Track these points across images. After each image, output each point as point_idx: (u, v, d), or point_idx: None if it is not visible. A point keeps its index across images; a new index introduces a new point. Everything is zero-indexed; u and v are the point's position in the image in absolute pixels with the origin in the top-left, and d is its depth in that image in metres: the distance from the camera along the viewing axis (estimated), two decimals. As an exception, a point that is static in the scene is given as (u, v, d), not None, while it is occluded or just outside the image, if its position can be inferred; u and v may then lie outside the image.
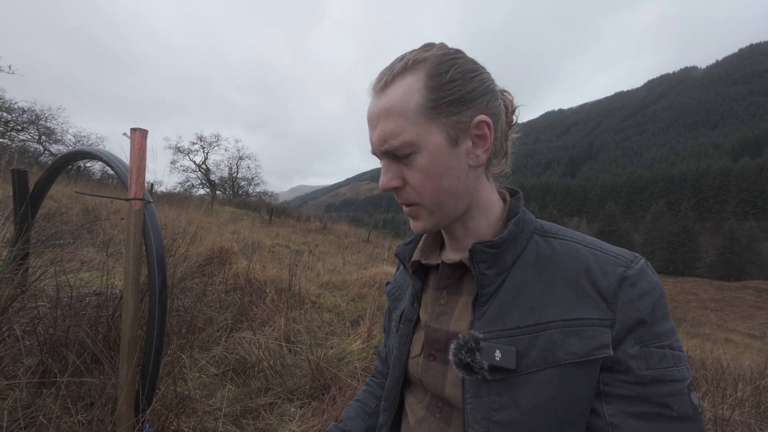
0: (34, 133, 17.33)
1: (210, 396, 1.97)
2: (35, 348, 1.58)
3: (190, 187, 28.67)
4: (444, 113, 0.55)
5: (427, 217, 0.59)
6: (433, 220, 0.60)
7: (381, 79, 0.57)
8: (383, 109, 0.55)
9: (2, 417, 1.32)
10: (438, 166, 0.56)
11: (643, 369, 0.48)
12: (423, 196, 0.57)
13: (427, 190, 0.57)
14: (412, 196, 0.58)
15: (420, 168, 0.55)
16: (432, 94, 0.54)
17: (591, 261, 0.54)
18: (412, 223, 0.62)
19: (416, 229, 0.62)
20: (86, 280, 2.45)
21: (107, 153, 1.51)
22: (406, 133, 0.54)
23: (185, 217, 6.32)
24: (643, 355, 0.48)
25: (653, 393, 0.47)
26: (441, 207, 0.58)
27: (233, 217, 12.09)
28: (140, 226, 1.31)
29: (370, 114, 0.58)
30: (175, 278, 2.76)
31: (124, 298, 1.25)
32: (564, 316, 0.51)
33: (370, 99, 0.59)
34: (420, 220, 0.60)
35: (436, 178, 0.56)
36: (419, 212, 0.60)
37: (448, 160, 0.56)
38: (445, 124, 0.55)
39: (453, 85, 0.55)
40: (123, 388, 1.22)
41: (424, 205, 0.58)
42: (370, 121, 0.58)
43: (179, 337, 2.19)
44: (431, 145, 0.55)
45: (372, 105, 0.58)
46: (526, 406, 0.49)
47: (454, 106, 0.55)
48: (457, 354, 0.53)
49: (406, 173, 0.57)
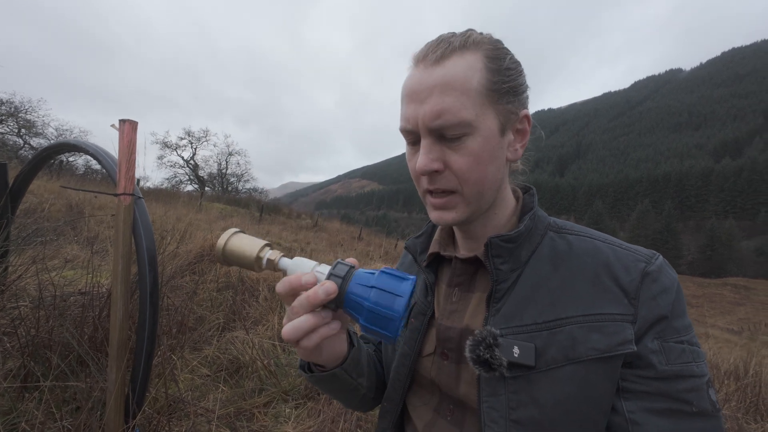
0: (13, 126, 16.73)
1: (202, 398, 1.91)
2: (16, 350, 1.50)
3: (177, 183, 28.16)
4: (501, 99, 0.53)
5: (463, 207, 0.55)
6: (468, 211, 0.56)
7: (435, 51, 0.52)
8: (441, 81, 0.50)
9: (-19, 424, 1.25)
10: (488, 152, 0.53)
11: (664, 364, 0.47)
12: (466, 183, 0.53)
13: (473, 177, 0.53)
14: (451, 183, 0.53)
15: (470, 152, 0.51)
16: (494, 77, 0.52)
17: (611, 256, 0.53)
18: (441, 214, 0.56)
19: (446, 220, 0.56)
20: (70, 279, 2.35)
21: (94, 146, 1.44)
22: (466, 111, 0.50)
23: (174, 214, 6.18)
24: (663, 350, 0.48)
25: (673, 389, 0.47)
26: (480, 197, 0.55)
27: (223, 214, 11.89)
28: (130, 223, 1.25)
29: (420, 85, 0.52)
30: (165, 276, 2.68)
31: (113, 297, 1.19)
32: (584, 311, 0.50)
33: (414, 71, 0.54)
34: (453, 210, 0.55)
35: (484, 164, 0.53)
36: (455, 202, 0.55)
37: (496, 148, 0.54)
38: (500, 111, 0.53)
39: (509, 73, 0.54)
40: (112, 392, 1.16)
41: (464, 193, 0.54)
42: (418, 93, 0.52)
43: (169, 337, 2.12)
44: (486, 129, 0.52)
45: (422, 76, 0.52)
46: (546, 404, 0.48)
47: (509, 95, 0.54)
48: (475, 350, 0.51)
49: (449, 156, 0.52)
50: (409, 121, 0.53)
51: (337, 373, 0.58)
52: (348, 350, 0.59)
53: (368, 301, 0.41)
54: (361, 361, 0.64)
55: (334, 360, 0.57)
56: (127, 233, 1.24)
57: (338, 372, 0.58)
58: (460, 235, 0.65)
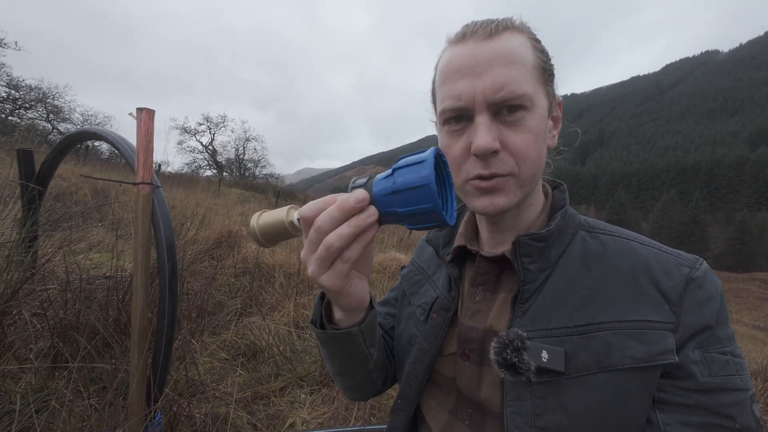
0: (42, 112, 17.33)
1: (221, 381, 1.96)
2: (46, 332, 1.57)
3: (197, 168, 28.78)
4: (548, 81, 0.53)
5: (515, 190, 0.51)
6: (519, 195, 0.52)
7: (485, 27, 0.50)
8: (500, 53, 0.48)
9: (15, 401, 1.32)
10: (542, 131, 0.51)
11: (705, 375, 0.44)
12: (525, 162, 0.49)
13: (532, 156, 0.50)
14: (507, 165, 0.49)
15: (530, 129, 0.49)
16: (542, 56, 0.52)
17: (651, 259, 0.50)
18: (492, 198, 0.51)
19: (497, 206, 0.51)
20: (96, 263, 2.44)
21: (113, 134, 1.44)
22: (528, 84, 0.48)
23: (193, 199, 6.31)
24: (705, 360, 0.45)
25: (715, 402, 0.44)
26: (533, 180, 0.52)
27: (240, 199, 12.09)
28: (148, 212, 1.26)
29: (475, 58, 0.49)
30: (184, 261, 2.74)
31: (134, 285, 1.21)
32: (620, 316, 0.47)
33: (459, 47, 0.51)
34: (505, 194, 0.51)
35: (541, 143, 0.51)
36: (508, 185, 0.50)
37: (546, 130, 0.53)
38: (547, 92, 0.53)
39: (548, 58, 0.54)
40: (134, 376, 1.20)
41: (520, 175, 0.50)
42: (473, 67, 0.48)
43: (189, 321, 2.18)
44: (540, 108, 0.51)
45: (475, 50, 0.49)
46: (576, 412, 0.46)
47: (551, 78, 0.54)
48: (501, 353, 0.48)
49: (506, 135, 0.49)
50: (461, 97, 0.49)
51: (353, 332, 0.53)
52: (368, 309, 0.55)
53: (400, 207, 0.37)
54: (375, 329, 0.60)
55: (359, 303, 0.50)
56: (146, 222, 1.25)
57: (354, 331, 0.53)
58: (488, 228, 0.61)
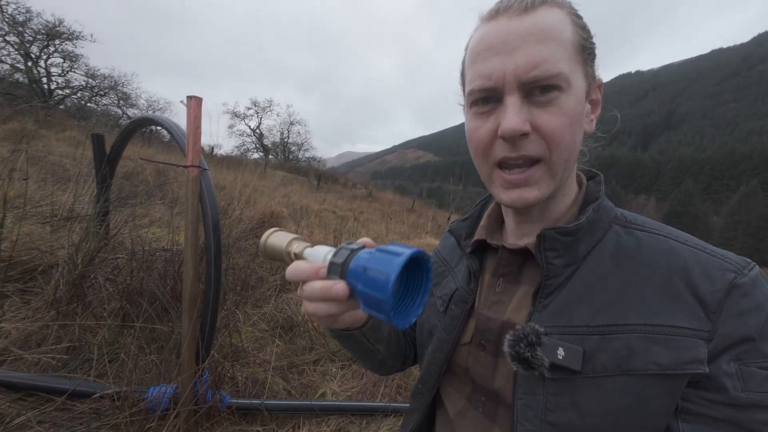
0: (114, 98, 19.12)
1: (261, 350, 2.14)
2: (116, 295, 1.80)
3: (245, 150, 30.35)
4: (587, 60, 0.49)
5: (547, 181, 0.48)
6: (552, 186, 0.49)
7: (522, 0, 0.47)
8: (536, 29, 0.45)
9: (93, 351, 1.55)
10: (579, 114, 0.47)
11: (739, 390, 0.41)
12: (557, 147, 0.46)
13: (565, 140, 0.46)
14: (538, 148, 0.47)
15: (564, 110, 0.46)
16: (582, 33, 0.48)
17: (691, 260, 0.46)
18: (522, 192, 0.48)
19: (527, 200, 0.48)
20: (157, 236, 2.72)
21: (168, 120, 1.58)
22: (564, 63, 0.45)
23: (241, 180, 6.70)
24: (741, 374, 0.42)
25: (747, 418, 0.41)
26: (566, 167, 0.49)
27: (284, 181, 12.64)
28: (197, 192, 1.37)
29: (508, 35, 0.46)
30: (231, 238, 2.96)
31: (185, 259, 1.34)
32: (648, 320, 0.44)
33: (492, 24, 0.48)
34: (536, 186, 0.48)
35: (576, 127, 0.47)
36: (539, 174, 0.48)
37: (582, 114, 0.49)
38: (586, 73, 0.49)
39: (590, 35, 0.50)
40: (186, 338, 1.35)
41: (552, 161, 0.47)
42: (506, 44, 0.46)
43: (235, 293, 2.38)
44: (577, 89, 0.47)
45: (509, 25, 0.46)
46: (589, 412, 0.45)
47: (591, 57, 0.50)
48: (515, 347, 0.48)
49: (538, 117, 0.46)
50: (491, 76, 0.46)
51: (355, 335, 0.58)
52: (368, 316, 0.58)
53: (361, 283, 0.37)
54: (381, 329, 0.63)
55: (353, 324, 0.55)
56: (194, 201, 1.37)
57: (356, 334, 0.58)
58: (515, 219, 0.59)
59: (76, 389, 1.32)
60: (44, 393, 1.31)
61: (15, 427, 1.18)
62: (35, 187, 2.99)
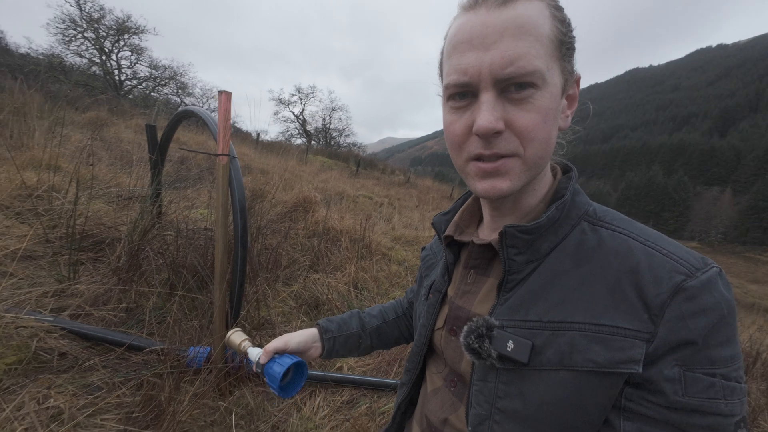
0: (174, 88, 20.69)
1: (287, 323, 2.34)
2: (164, 266, 2.07)
3: (289, 136, 31.46)
4: (565, 56, 0.49)
5: (520, 173, 0.49)
6: (524, 178, 0.50)
7: None
8: (512, 24, 0.44)
9: (145, 313, 1.82)
10: (553, 111, 0.47)
11: (680, 395, 0.42)
12: (531, 143, 0.47)
13: (539, 137, 0.47)
14: (511, 145, 0.47)
15: (538, 108, 0.46)
16: (561, 27, 0.48)
17: (642, 262, 0.46)
18: (494, 182, 0.49)
19: (500, 190, 0.49)
20: (201, 217, 3.01)
21: (205, 113, 1.76)
22: (540, 60, 0.45)
23: (283, 165, 7.05)
24: (684, 379, 0.42)
25: (685, 422, 0.42)
26: (540, 163, 0.50)
27: (324, 167, 13.02)
28: (226, 178, 1.53)
29: (485, 28, 0.45)
30: (266, 220, 3.20)
31: (216, 238, 1.52)
32: (592, 319, 0.46)
33: (469, 15, 0.47)
34: (509, 177, 0.49)
35: (550, 124, 0.48)
36: (512, 166, 0.48)
37: (557, 110, 0.49)
38: (563, 69, 0.49)
39: (570, 29, 0.49)
40: (217, 307, 1.54)
41: (526, 156, 0.48)
42: (482, 38, 0.45)
43: (266, 271, 2.60)
44: (553, 86, 0.47)
45: (486, 19, 0.45)
46: (531, 402, 0.48)
47: (570, 52, 0.49)
48: (467, 338, 0.52)
49: (512, 114, 0.46)
50: (467, 72, 0.46)
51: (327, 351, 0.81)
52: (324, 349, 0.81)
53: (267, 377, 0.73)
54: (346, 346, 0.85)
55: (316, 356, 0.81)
56: (225, 186, 1.53)
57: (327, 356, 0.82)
58: (489, 212, 0.61)
59: (132, 343, 1.57)
60: (108, 344, 1.58)
61: (85, 368, 1.45)
62: (106, 170, 3.43)
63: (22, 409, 1.16)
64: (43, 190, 2.43)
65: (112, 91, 15.83)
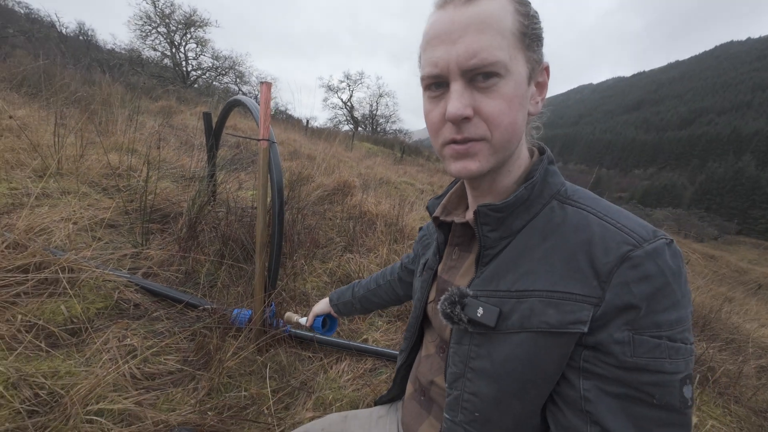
0: (233, 77, 22.09)
1: (321, 296, 2.54)
2: (217, 239, 2.35)
3: (337, 123, 32.17)
4: (530, 46, 0.53)
5: (488, 155, 0.54)
6: (492, 161, 0.54)
7: None
8: (476, 19, 0.49)
9: (200, 278, 2.10)
10: (519, 98, 0.52)
11: (628, 355, 0.46)
12: (497, 128, 0.51)
13: (504, 123, 0.51)
14: (480, 130, 0.52)
15: (503, 95, 0.50)
16: (524, 20, 0.52)
17: (596, 234, 0.51)
18: (465, 163, 0.54)
19: (470, 170, 0.54)
20: (249, 196, 3.31)
21: (250, 102, 1.95)
22: (502, 51, 0.49)
23: (330, 151, 7.32)
24: (633, 341, 0.46)
25: (633, 379, 0.46)
26: (507, 146, 0.54)
27: (369, 153, 13.21)
28: (267, 161, 1.71)
29: (452, 25, 0.50)
30: (307, 202, 3.43)
31: (257, 214, 1.72)
32: (550, 287, 0.51)
33: (440, 13, 0.52)
34: (478, 159, 0.54)
35: (515, 110, 0.52)
36: (481, 148, 0.53)
37: (524, 96, 0.54)
38: (528, 58, 0.53)
39: (536, 21, 0.54)
40: (257, 274, 1.75)
41: (493, 140, 0.52)
42: (450, 34, 0.50)
43: (304, 248, 2.82)
44: (517, 74, 0.51)
45: (453, 16, 0.50)
46: (497, 360, 0.54)
47: (536, 43, 0.54)
48: (443, 304, 0.59)
49: (480, 102, 0.51)
50: (438, 64, 0.51)
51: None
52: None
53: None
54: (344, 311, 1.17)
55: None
56: (264, 169, 1.71)
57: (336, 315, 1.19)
58: (470, 193, 0.67)
59: (189, 301, 1.85)
60: (170, 300, 1.87)
61: (153, 317, 1.75)
62: (173, 153, 3.89)
63: (107, 344, 1.45)
64: (123, 169, 2.85)
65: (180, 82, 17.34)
